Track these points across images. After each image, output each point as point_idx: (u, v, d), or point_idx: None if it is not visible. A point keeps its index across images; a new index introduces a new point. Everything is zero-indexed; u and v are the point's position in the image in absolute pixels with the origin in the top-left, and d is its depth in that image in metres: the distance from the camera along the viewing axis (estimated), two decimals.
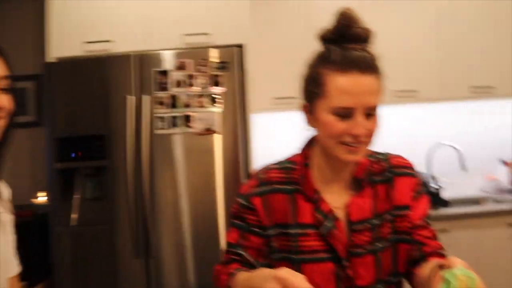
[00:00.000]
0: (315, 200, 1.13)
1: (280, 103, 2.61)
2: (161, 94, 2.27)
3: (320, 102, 1.08)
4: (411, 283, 1.20)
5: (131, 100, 2.25)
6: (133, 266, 2.27)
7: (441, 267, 0.90)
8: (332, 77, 1.05)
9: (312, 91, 1.10)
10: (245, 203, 1.15)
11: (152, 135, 2.28)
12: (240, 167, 2.31)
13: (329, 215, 1.12)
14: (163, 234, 2.29)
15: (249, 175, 1.25)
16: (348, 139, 1.05)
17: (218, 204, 2.25)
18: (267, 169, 1.19)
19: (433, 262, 1.02)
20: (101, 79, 2.30)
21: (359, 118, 1.04)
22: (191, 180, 2.29)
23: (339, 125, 1.05)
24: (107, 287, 2.28)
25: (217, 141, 2.29)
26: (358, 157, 1.09)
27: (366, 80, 1.04)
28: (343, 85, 1.03)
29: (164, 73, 2.27)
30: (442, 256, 1.04)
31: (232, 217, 1.19)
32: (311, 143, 1.22)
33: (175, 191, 2.29)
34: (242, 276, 1.03)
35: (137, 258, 2.26)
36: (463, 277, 0.82)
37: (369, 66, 1.06)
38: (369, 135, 1.07)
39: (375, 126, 1.08)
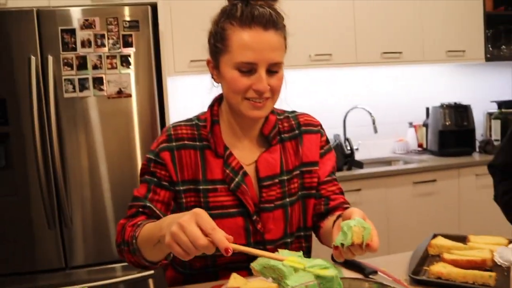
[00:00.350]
0: (225, 156, 1.14)
1: (198, 65, 2.56)
2: (68, 54, 2.12)
3: (224, 58, 1.08)
4: (318, 236, 1.25)
5: (34, 60, 2.09)
6: (48, 236, 2.16)
7: (341, 217, 0.95)
8: (235, 32, 1.05)
9: (217, 47, 1.09)
10: (154, 158, 1.14)
11: (60, 98, 2.14)
12: (157, 130, 2.26)
13: (239, 171, 1.13)
14: (80, 202, 2.19)
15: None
16: (252, 94, 1.07)
17: (137, 169, 2.19)
18: (176, 126, 1.18)
19: (336, 215, 1.07)
20: (0, 38, 2.10)
21: (262, 73, 1.05)
22: (108, 145, 2.20)
23: (243, 81, 1.06)
24: (23, 257, 2.16)
25: (132, 104, 2.21)
26: (263, 113, 1.11)
27: (268, 36, 1.05)
28: (245, 40, 1.04)
29: (71, 31, 2.12)
30: (346, 209, 1.09)
31: (141, 173, 1.17)
32: (219, 100, 1.22)
33: (91, 157, 2.19)
34: (151, 224, 1.01)
35: (50, 228, 2.15)
36: (357, 228, 0.86)
37: (272, 23, 1.06)
38: (273, 91, 1.09)
39: (279, 83, 1.09)
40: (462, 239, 1.24)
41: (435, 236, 1.26)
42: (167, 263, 1.05)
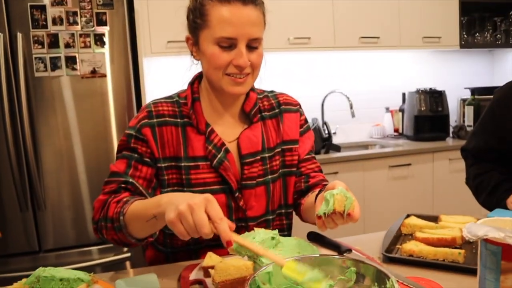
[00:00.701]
0: (207, 133, 1.13)
1: (175, 46, 2.52)
2: (39, 32, 2.04)
3: (203, 33, 1.07)
4: (298, 213, 1.27)
5: (1, 37, 2.00)
6: (20, 219, 2.11)
7: (323, 191, 0.96)
8: (214, 7, 1.04)
9: (196, 22, 1.08)
10: (135, 133, 1.12)
11: (30, 77, 2.07)
12: (133, 111, 2.22)
13: (221, 147, 1.13)
14: (54, 184, 2.14)
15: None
16: (232, 70, 1.06)
17: (113, 150, 2.14)
18: (156, 103, 1.16)
19: (317, 191, 1.09)
20: None
21: (242, 48, 1.05)
22: (82, 126, 2.14)
23: (223, 56, 1.05)
24: None
25: (107, 84, 2.16)
26: (243, 89, 1.11)
27: (248, 11, 1.04)
28: (225, 15, 1.03)
29: (41, 8, 2.04)
30: (325, 186, 1.10)
31: (119, 149, 1.14)
32: (199, 78, 1.20)
33: (65, 139, 2.13)
34: (143, 200, 0.99)
35: (22, 211, 2.10)
36: (340, 196, 0.87)
37: None
38: (253, 66, 1.09)
39: (259, 58, 1.09)
40: (434, 219, 1.27)
41: (408, 216, 1.28)
42: (149, 241, 1.04)
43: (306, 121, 1.30)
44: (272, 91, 1.31)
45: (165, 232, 1.19)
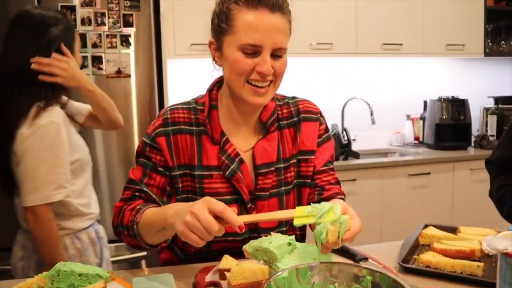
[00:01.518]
0: (221, 143, 1.13)
1: (199, 49, 2.55)
2: None
3: (228, 39, 1.06)
4: (310, 226, 1.26)
5: None
6: None
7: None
8: (241, 13, 1.04)
9: (220, 27, 1.07)
10: (150, 142, 1.13)
11: None
12: (155, 112, 2.25)
13: (235, 158, 1.13)
14: None
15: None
16: (255, 77, 1.05)
17: (134, 150, 2.17)
18: (173, 109, 1.16)
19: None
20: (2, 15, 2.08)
21: (266, 56, 1.04)
22: None
23: (246, 62, 1.04)
24: None
25: (131, 84, 2.20)
26: (264, 100, 1.09)
27: (274, 18, 1.03)
28: (251, 21, 1.02)
29: (71, 8, 2.10)
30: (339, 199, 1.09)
31: (137, 155, 1.16)
32: (219, 84, 1.20)
33: (87, 136, 2.18)
34: (152, 210, 1.03)
35: None
36: (333, 227, 0.86)
37: (278, 6, 1.04)
38: (277, 75, 1.08)
39: (283, 67, 1.08)
40: (453, 230, 1.25)
41: (426, 226, 1.27)
42: (164, 246, 1.07)
43: (326, 130, 1.27)
44: (293, 97, 1.28)
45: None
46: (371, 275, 0.78)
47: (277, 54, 1.06)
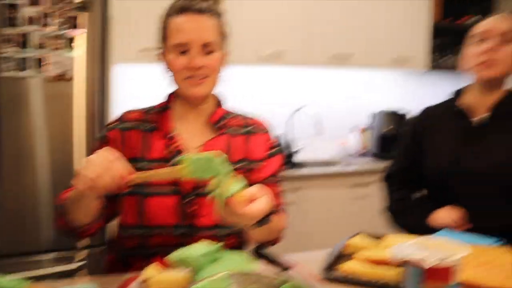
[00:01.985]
0: (170, 137, 1.22)
1: (147, 55, 2.52)
2: (10, 30, 2.03)
3: (165, 45, 1.20)
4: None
5: None
6: None
7: None
8: (172, 20, 1.18)
9: (161, 36, 1.22)
10: (101, 136, 1.25)
11: None
12: (96, 119, 2.20)
13: (180, 151, 1.20)
14: (13, 186, 2.10)
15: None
16: (187, 73, 1.17)
17: (72, 155, 2.13)
18: (129, 111, 1.28)
19: None
20: None
21: (193, 52, 1.16)
22: (49, 129, 2.12)
23: (179, 61, 1.17)
24: None
25: (75, 88, 2.15)
26: (202, 90, 1.20)
27: (200, 18, 1.17)
28: (178, 23, 1.17)
29: (14, 6, 2.03)
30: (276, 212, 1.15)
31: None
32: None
33: (30, 141, 2.11)
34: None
35: None
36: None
37: (205, 8, 1.18)
38: (210, 69, 1.18)
39: (215, 62, 1.19)
40: (380, 238, 1.31)
41: (357, 234, 1.32)
42: (93, 230, 1.12)
43: (275, 145, 1.33)
44: (244, 114, 1.35)
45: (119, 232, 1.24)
46: (288, 284, 0.82)
47: (207, 50, 1.17)
